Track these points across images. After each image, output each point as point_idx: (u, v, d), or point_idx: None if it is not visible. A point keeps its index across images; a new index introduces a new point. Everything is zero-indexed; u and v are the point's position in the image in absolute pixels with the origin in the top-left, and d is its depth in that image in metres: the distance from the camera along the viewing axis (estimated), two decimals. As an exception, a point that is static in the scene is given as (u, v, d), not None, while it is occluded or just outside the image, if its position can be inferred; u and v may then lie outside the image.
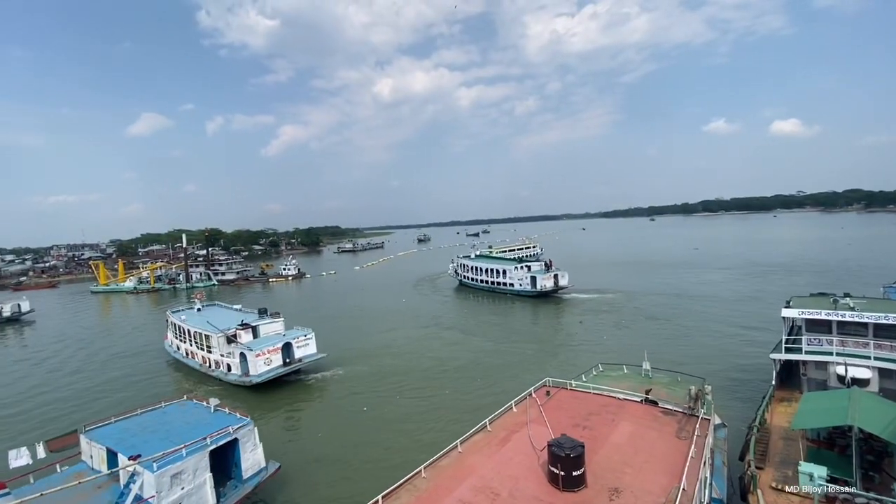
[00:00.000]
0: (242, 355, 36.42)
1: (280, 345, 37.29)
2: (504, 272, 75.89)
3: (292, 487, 21.96)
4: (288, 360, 37.48)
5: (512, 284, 73.67)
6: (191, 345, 42.56)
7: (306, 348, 39.20)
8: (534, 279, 69.30)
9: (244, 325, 39.36)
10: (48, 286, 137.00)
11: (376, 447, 25.43)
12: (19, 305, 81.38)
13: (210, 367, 39.53)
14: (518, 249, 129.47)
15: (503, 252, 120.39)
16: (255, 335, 39.39)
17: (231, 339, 38.15)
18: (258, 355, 35.69)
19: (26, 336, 67.99)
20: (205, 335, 40.06)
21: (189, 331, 42.64)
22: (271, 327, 40.92)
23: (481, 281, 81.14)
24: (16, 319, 79.81)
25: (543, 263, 75.17)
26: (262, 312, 43.60)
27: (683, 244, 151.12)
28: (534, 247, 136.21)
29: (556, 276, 69.26)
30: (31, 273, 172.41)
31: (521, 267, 74.11)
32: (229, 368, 37.60)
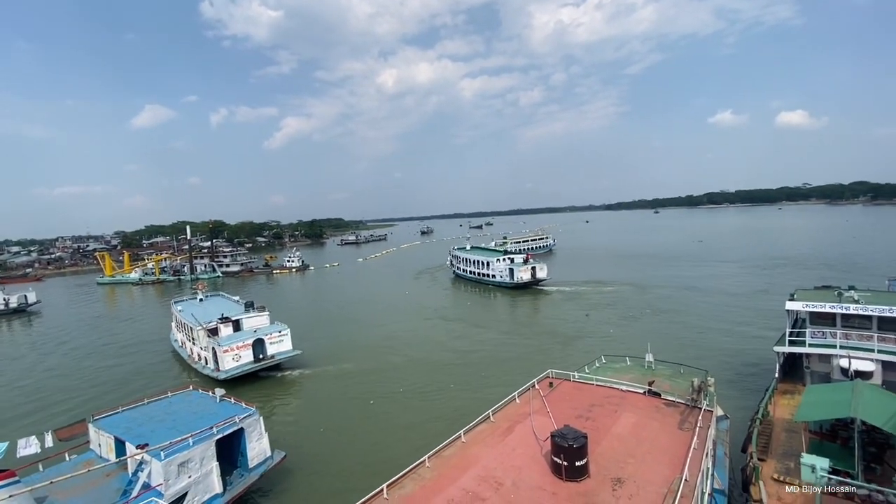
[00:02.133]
0: (214, 349, 36.26)
1: (250, 341, 36.68)
2: (488, 264, 77.78)
3: (298, 476, 22.22)
4: (261, 357, 37.05)
5: (494, 276, 75.61)
6: (184, 336, 42.92)
7: (280, 344, 38.25)
8: (511, 271, 71.25)
9: (224, 319, 38.74)
10: (35, 279, 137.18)
11: (380, 438, 25.65)
12: (26, 297, 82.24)
13: (195, 358, 39.63)
14: (532, 240, 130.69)
15: (517, 243, 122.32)
16: (238, 329, 38.85)
17: (213, 333, 37.68)
18: (226, 351, 35.34)
19: (33, 327, 68.63)
20: (190, 327, 40.11)
21: (182, 322, 42.88)
22: (254, 321, 39.97)
23: (470, 272, 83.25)
24: (22, 310, 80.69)
25: (523, 257, 77.68)
26: (249, 306, 43.18)
27: (688, 237, 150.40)
28: (546, 237, 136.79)
29: (533, 269, 71.11)
30: (36, 265, 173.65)
31: (503, 259, 76.33)
32: (206, 362, 37.51)
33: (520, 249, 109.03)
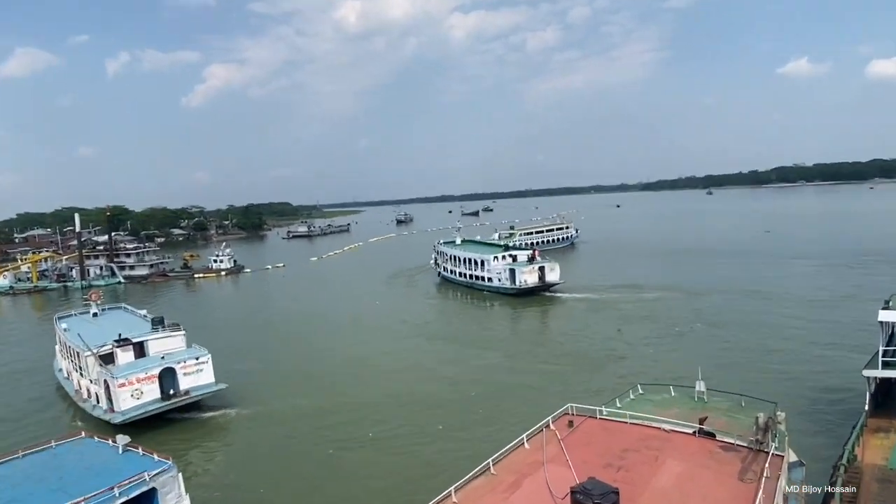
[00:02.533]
0: (107, 383, 35.52)
1: (156, 371, 36.06)
2: (482, 264, 76.66)
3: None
4: (172, 392, 36.50)
5: (490, 279, 74.88)
6: (70, 363, 42.39)
7: (198, 376, 37.64)
8: (512, 273, 70.42)
9: (123, 341, 37.90)
10: None
11: (341, 501, 25.69)
12: None
13: (84, 395, 39.01)
14: (547, 231, 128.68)
15: (528, 234, 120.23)
16: (143, 354, 38.29)
17: (106, 359, 36.83)
18: (122, 385, 34.49)
19: None
20: (77, 351, 39.41)
21: (67, 344, 42.31)
22: (164, 344, 39.29)
23: (460, 274, 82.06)
24: None
25: (529, 253, 76.34)
26: (158, 323, 42.63)
27: (751, 226, 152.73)
28: (565, 227, 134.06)
29: (541, 270, 70.24)
30: None
31: (502, 257, 75.32)
32: (98, 399, 36.90)
33: (532, 243, 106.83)
